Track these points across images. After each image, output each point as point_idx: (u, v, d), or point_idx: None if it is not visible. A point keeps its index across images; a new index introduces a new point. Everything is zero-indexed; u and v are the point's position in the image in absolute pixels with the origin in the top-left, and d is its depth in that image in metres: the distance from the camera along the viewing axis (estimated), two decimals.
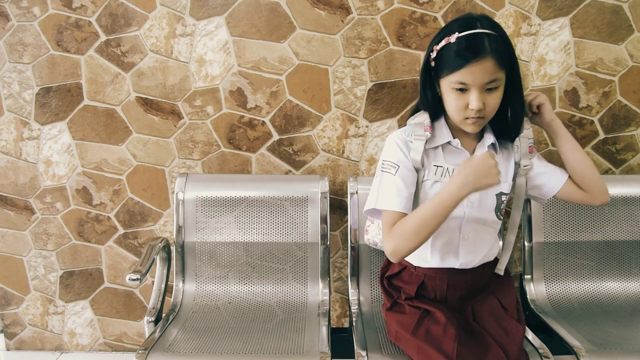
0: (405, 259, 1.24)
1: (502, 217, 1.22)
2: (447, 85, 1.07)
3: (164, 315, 1.52)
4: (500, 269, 1.27)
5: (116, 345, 1.98)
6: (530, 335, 1.31)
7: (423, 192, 1.17)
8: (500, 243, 1.44)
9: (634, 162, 1.76)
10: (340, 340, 1.47)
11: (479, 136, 1.19)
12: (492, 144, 1.17)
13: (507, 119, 1.16)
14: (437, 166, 1.16)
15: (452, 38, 1.04)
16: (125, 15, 1.67)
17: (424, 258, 1.22)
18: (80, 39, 1.70)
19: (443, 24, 1.64)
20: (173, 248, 1.65)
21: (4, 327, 1.98)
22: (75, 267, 1.90)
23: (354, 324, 1.45)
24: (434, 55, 1.09)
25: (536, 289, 1.59)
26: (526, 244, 1.61)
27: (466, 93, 1.05)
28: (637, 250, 1.60)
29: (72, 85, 1.74)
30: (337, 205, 1.79)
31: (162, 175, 1.80)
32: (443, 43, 1.06)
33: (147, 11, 1.67)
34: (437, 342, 1.09)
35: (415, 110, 1.23)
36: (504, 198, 1.19)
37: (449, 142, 1.17)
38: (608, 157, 1.75)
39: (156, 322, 1.46)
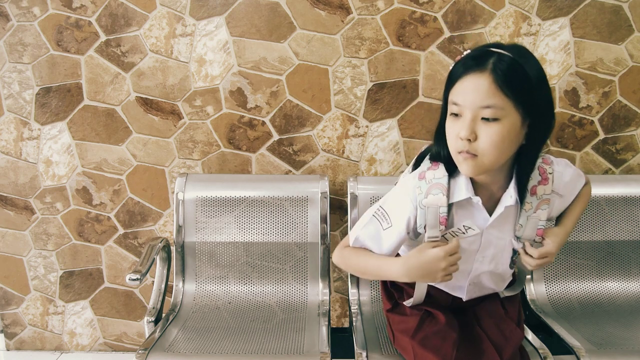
0: None
1: (514, 266, 1.12)
2: (448, 112, 0.93)
3: (164, 315, 1.52)
4: (503, 294, 1.19)
5: (116, 345, 1.98)
6: (530, 335, 1.31)
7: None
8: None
9: (634, 162, 1.75)
10: (340, 340, 1.47)
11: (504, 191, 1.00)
12: (512, 202, 0.98)
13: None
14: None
15: (464, 54, 0.93)
16: (125, 15, 1.67)
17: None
18: (80, 39, 1.70)
19: (443, 24, 1.64)
20: (173, 248, 1.65)
21: (4, 327, 1.98)
22: (75, 267, 1.90)
23: (354, 324, 1.45)
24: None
25: (536, 289, 1.59)
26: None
27: (460, 119, 0.90)
28: (637, 250, 1.60)
29: (72, 85, 1.74)
30: (337, 205, 1.79)
31: (162, 175, 1.80)
32: (456, 60, 0.94)
33: (147, 11, 1.67)
34: (435, 347, 1.07)
35: (425, 152, 1.07)
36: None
37: (468, 198, 0.99)
38: (608, 157, 1.75)
39: (156, 322, 1.46)
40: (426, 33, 1.65)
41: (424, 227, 1.00)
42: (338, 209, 1.79)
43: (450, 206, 1.00)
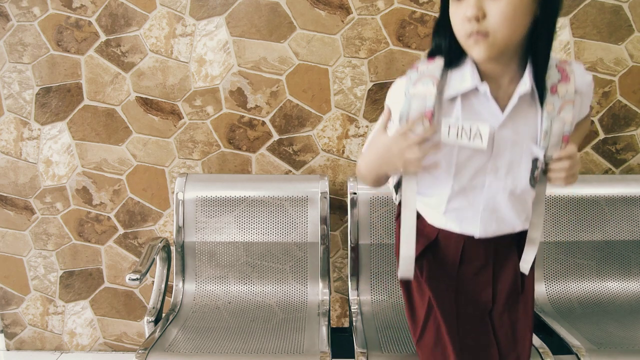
0: (419, 212, 1.07)
1: (535, 183, 0.97)
2: None
3: (163, 315, 1.52)
4: (526, 268, 1.06)
5: (116, 345, 1.98)
6: None
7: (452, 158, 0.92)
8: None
9: (634, 162, 1.76)
10: (340, 340, 1.47)
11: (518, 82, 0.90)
12: (527, 89, 0.88)
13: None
14: (449, 126, 0.90)
15: None
16: (125, 15, 1.67)
17: (438, 218, 1.04)
18: (80, 39, 1.70)
19: None
20: (173, 248, 1.65)
21: (4, 327, 1.98)
22: (75, 267, 1.90)
23: (354, 323, 1.45)
24: None
25: (536, 289, 1.58)
26: None
27: (464, 1, 0.83)
28: (637, 250, 1.60)
29: (72, 85, 1.74)
30: (337, 205, 1.79)
31: (162, 175, 1.80)
32: None
33: (147, 11, 1.67)
34: (440, 355, 1.03)
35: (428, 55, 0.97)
36: (540, 164, 0.94)
37: (474, 89, 0.89)
38: (608, 157, 1.75)
39: (156, 322, 1.46)
40: (426, 33, 1.65)
41: (406, 119, 0.90)
42: (338, 209, 1.79)
43: (452, 105, 0.90)
